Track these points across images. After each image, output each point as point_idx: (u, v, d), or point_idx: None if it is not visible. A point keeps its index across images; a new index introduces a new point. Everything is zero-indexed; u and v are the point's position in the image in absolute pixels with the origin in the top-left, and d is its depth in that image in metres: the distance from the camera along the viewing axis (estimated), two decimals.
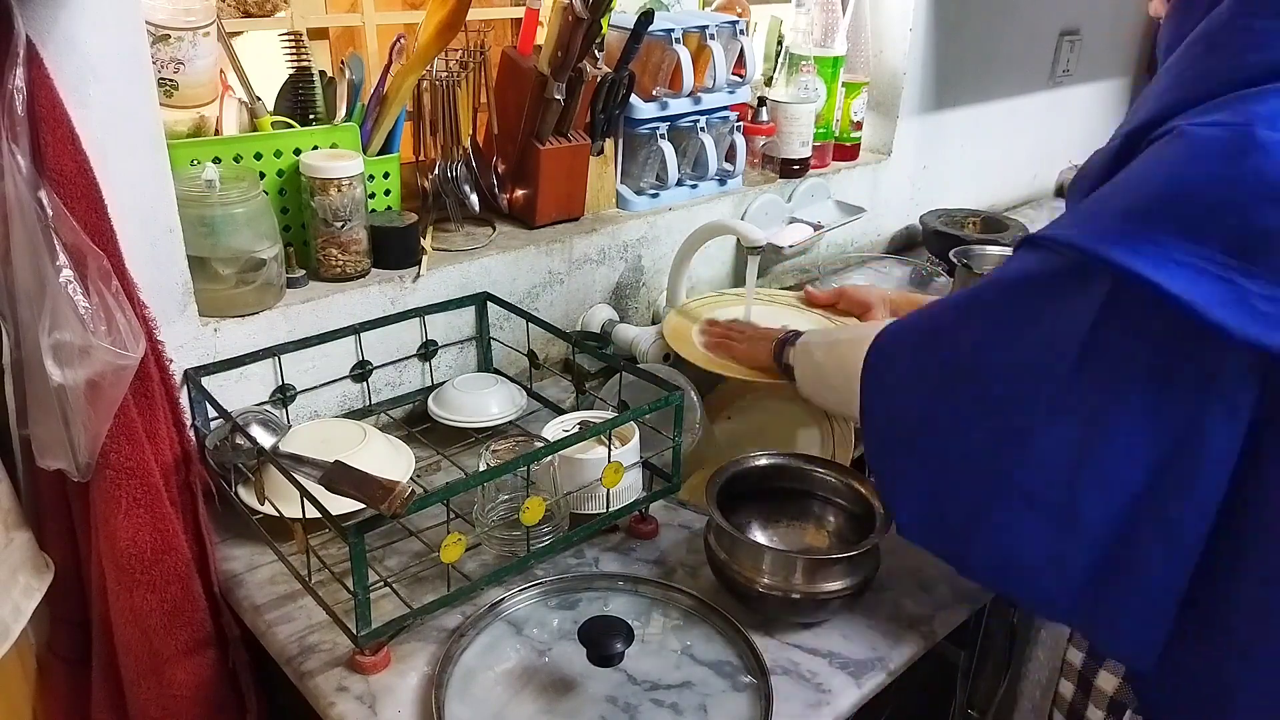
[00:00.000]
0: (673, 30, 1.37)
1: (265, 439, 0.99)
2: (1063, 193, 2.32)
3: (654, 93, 1.42)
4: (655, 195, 1.47)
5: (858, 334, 0.95)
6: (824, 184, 1.70)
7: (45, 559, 0.95)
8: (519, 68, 1.31)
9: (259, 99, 1.14)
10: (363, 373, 1.18)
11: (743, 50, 1.48)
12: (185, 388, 1.03)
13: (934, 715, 1.17)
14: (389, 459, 1.06)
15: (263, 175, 1.11)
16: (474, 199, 1.30)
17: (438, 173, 1.30)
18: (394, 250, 1.20)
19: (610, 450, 0.96)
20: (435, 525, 1.00)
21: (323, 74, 1.18)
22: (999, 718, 1.17)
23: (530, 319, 1.21)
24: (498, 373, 1.28)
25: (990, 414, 0.79)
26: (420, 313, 1.21)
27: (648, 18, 1.26)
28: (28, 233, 0.79)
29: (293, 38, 1.16)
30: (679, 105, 1.44)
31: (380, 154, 1.23)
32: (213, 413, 1.02)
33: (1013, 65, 2.03)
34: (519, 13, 1.41)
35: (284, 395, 1.12)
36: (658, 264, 1.48)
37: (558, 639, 0.89)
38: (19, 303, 0.82)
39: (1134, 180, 0.73)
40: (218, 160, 1.07)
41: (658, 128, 1.43)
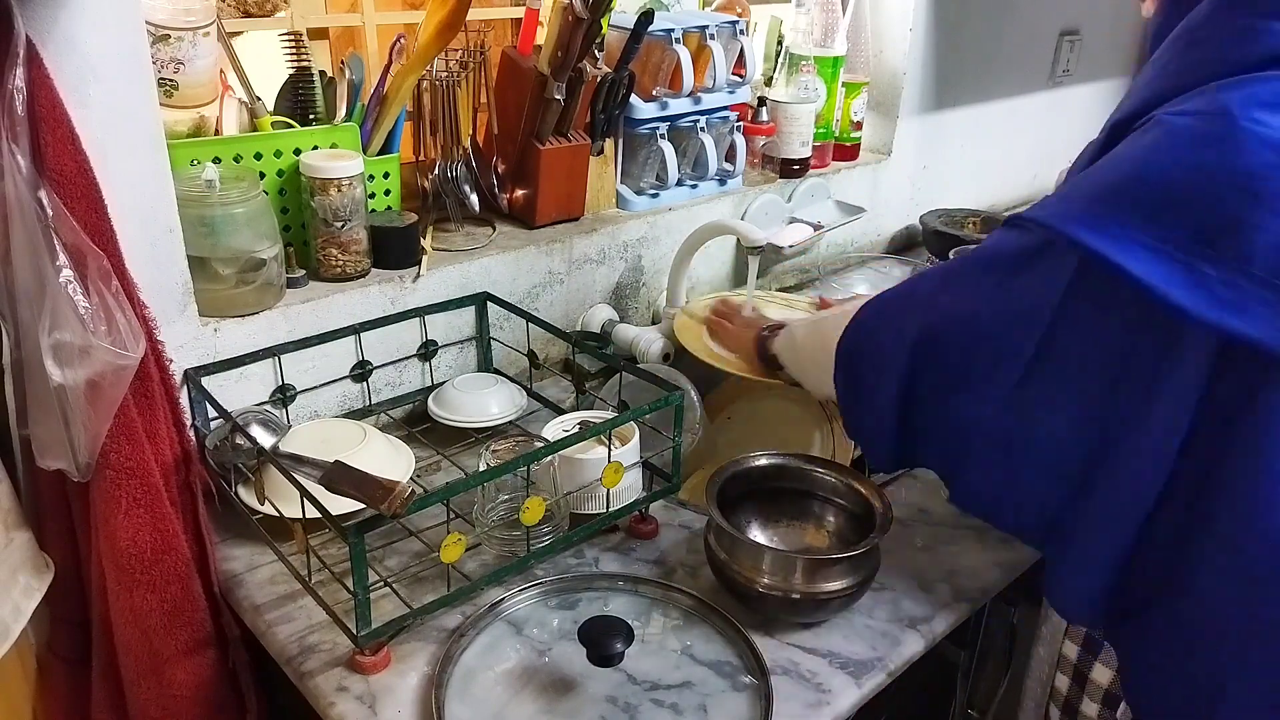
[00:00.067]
0: (673, 30, 1.37)
1: (265, 439, 0.99)
2: None
3: (654, 93, 1.42)
4: (655, 195, 1.47)
5: (839, 312, 0.99)
6: (824, 184, 1.70)
7: (45, 559, 0.95)
8: (519, 68, 1.31)
9: (259, 99, 1.14)
10: (363, 373, 1.18)
11: (743, 50, 1.48)
12: (185, 388, 1.03)
13: (934, 715, 1.17)
14: (389, 459, 1.06)
15: (263, 175, 1.11)
16: (474, 199, 1.30)
17: (438, 173, 1.30)
18: (394, 250, 1.20)
19: (610, 450, 0.96)
20: (435, 525, 1.00)
21: (323, 74, 1.18)
22: (999, 717, 1.17)
23: (530, 319, 1.21)
24: (498, 373, 1.28)
25: (962, 375, 0.84)
26: (420, 313, 1.21)
27: (648, 18, 1.26)
28: (28, 233, 0.79)
29: (293, 38, 1.16)
30: (679, 105, 1.44)
31: (380, 154, 1.23)
32: (213, 413, 1.02)
33: (1013, 65, 2.03)
34: (519, 13, 1.41)
35: (284, 395, 1.12)
36: (658, 264, 1.48)
37: (558, 639, 0.89)
38: (19, 303, 0.82)
39: (1108, 166, 0.76)
40: (218, 160, 1.07)
41: (658, 128, 1.43)
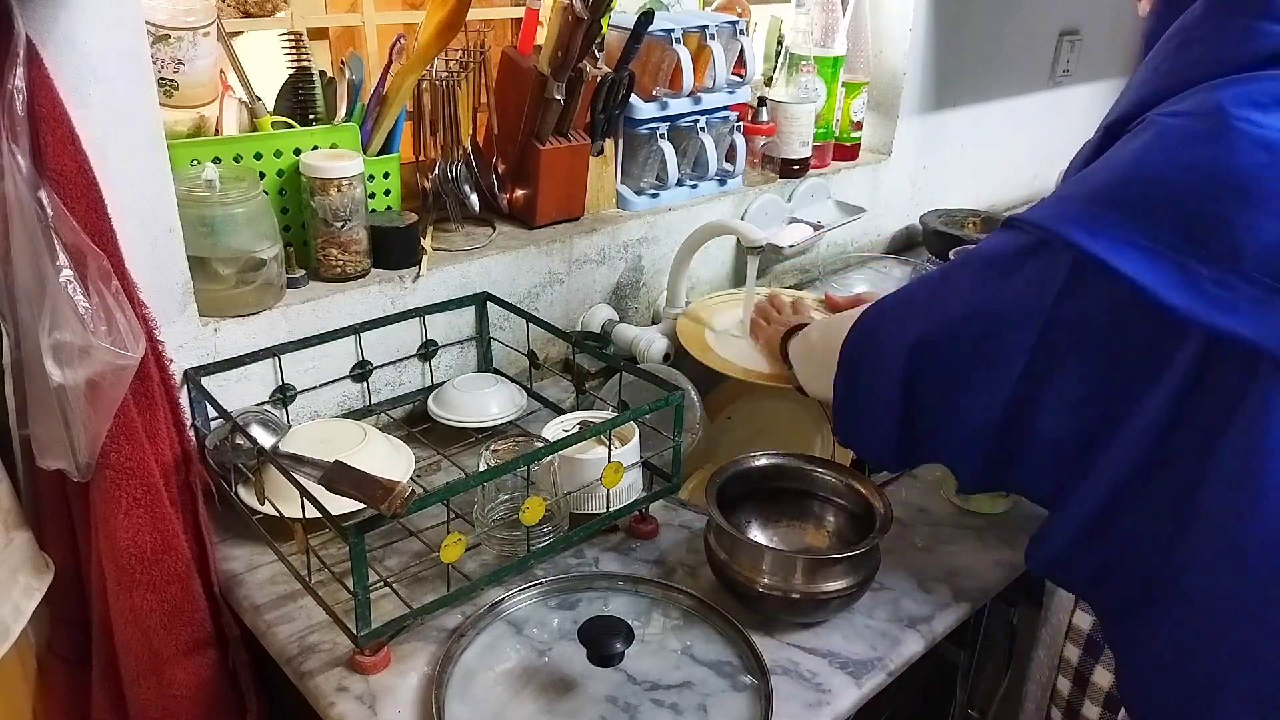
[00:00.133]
0: (673, 30, 1.37)
1: (265, 439, 0.99)
2: None
3: (654, 93, 1.42)
4: (655, 195, 1.47)
5: (850, 314, 1.00)
6: (824, 184, 1.70)
7: (45, 559, 0.95)
8: (519, 68, 1.31)
9: (259, 99, 1.14)
10: (363, 373, 1.18)
11: (743, 50, 1.48)
12: (185, 388, 1.03)
13: (934, 715, 1.17)
14: (389, 459, 1.06)
15: (263, 175, 1.11)
16: (474, 199, 1.30)
17: (438, 173, 1.30)
18: (394, 250, 1.20)
19: (610, 450, 0.96)
20: (435, 525, 1.00)
21: (323, 74, 1.18)
22: (999, 718, 1.17)
23: (530, 319, 1.21)
24: (498, 373, 1.28)
25: (961, 375, 0.84)
26: (420, 313, 1.21)
27: (648, 18, 1.26)
28: (28, 233, 0.79)
29: (293, 38, 1.16)
30: (679, 105, 1.44)
31: (380, 154, 1.23)
32: (213, 413, 1.02)
33: (1013, 65, 2.03)
34: (519, 13, 1.41)
35: (284, 395, 1.12)
36: (658, 264, 1.48)
37: (558, 639, 0.89)
38: (19, 303, 0.82)
39: (1103, 167, 0.77)
40: (218, 160, 1.07)
41: (658, 128, 1.43)
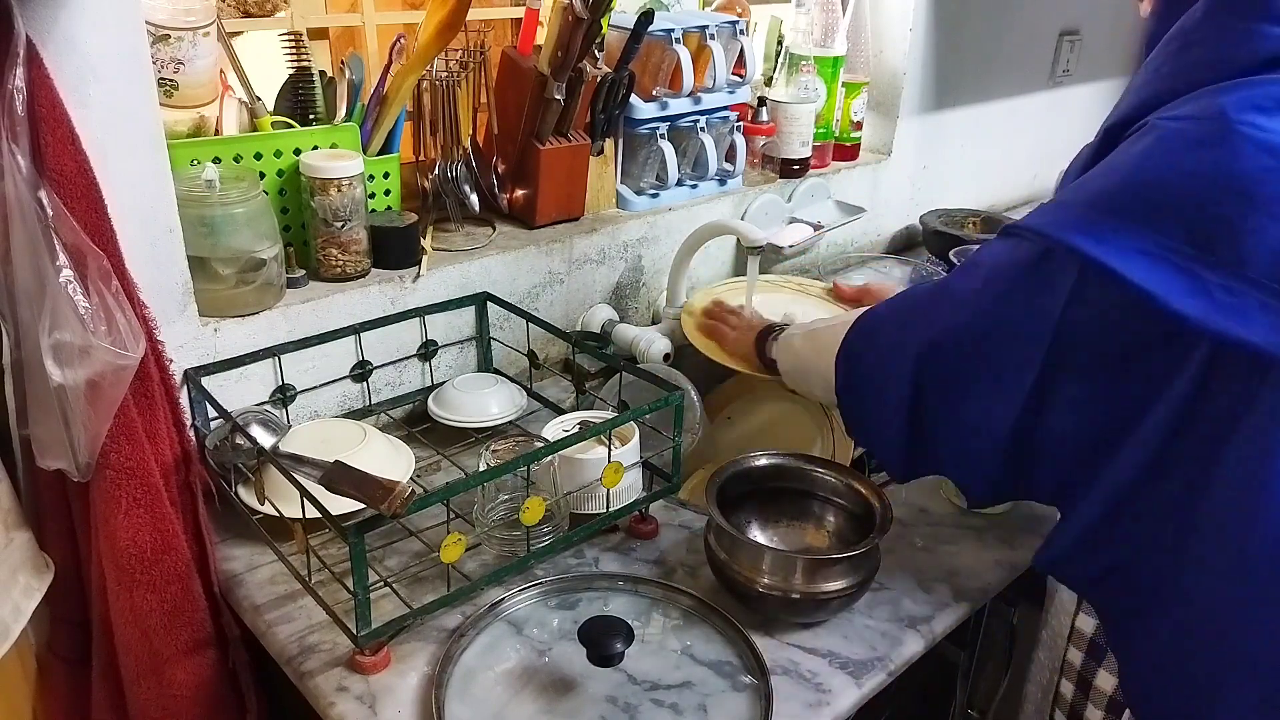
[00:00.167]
0: (673, 30, 1.37)
1: (265, 439, 0.99)
2: None
3: (654, 93, 1.42)
4: (655, 195, 1.47)
5: (836, 322, 0.99)
6: (824, 184, 1.70)
7: (45, 559, 0.95)
8: (519, 68, 1.31)
9: (259, 99, 1.14)
10: (363, 373, 1.18)
11: (743, 50, 1.48)
12: (185, 388, 1.03)
13: (934, 715, 1.17)
14: (389, 459, 1.06)
15: (263, 175, 1.11)
16: (474, 199, 1.30)
17: (438, 173, 1.30)
18: (394, 250, 1.20)
19: (610, 450, 0.96)
20: (435, 525, 1.00)
21: (323, 74, 1.18)
22: (999, 718, 1.17)
23: (530, 319, 1.21)
24: (498, 373, 1.28)
25: (969, 387, 0.83)
26: (420, 313, 1.21)
27: (648, 18, 1.26)
28: (28, 233, 0.79)
29: (293, 38, 1.16)
30: (679, 105, 1.44)
31: (380, 154, 1.23)
32: (213, 413, 1.02)
33: (1013, 65, 2.03)
34: (519, 13, 1.41)
35: (284, 395, 1.12)
36: (658, 264, 1.48)
37: (558, 639, 0.89)
38: (19, 303, 0.82)
39: (1105, 172, 0.76)
40: (218, 160, 1.07)
41: (658, 128, 1.43)
